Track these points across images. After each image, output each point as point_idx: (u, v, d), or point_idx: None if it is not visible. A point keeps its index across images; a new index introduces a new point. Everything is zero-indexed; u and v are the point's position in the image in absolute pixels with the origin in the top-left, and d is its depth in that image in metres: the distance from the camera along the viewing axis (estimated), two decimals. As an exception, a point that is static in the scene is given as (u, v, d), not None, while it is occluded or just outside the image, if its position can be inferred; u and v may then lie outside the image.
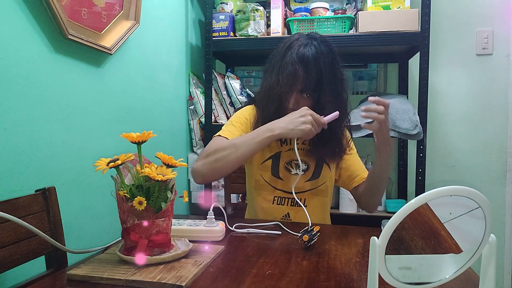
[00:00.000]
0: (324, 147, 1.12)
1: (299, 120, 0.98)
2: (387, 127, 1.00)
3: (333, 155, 1.15)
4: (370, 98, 0.96)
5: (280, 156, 1.16)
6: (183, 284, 0.64)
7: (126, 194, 0.73)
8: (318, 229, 0.91)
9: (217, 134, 1.13)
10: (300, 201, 1.15)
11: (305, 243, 0.86)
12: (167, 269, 0.70)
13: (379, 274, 0.50)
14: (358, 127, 1.60)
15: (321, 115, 1.01)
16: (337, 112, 1.03)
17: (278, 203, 1.16)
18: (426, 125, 1.61)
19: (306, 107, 1.02)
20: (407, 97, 1.91)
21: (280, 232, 0.98)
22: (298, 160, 1.07)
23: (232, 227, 1.00)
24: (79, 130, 1.14)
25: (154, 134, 0.78)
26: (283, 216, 1.15)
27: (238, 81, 1.88)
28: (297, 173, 1.15)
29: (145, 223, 0.73)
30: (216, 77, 1.87)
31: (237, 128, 1.14)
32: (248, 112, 1.19)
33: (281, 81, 1.06)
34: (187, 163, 1.90)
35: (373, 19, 1.64)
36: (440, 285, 0.52)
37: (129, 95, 1.39)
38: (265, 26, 1.81)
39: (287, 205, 1.16)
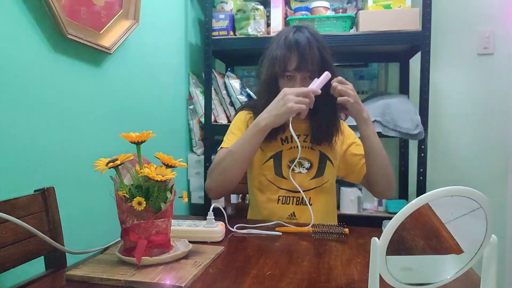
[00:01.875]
0: (321, 127, 1.13)
1: (279, 103, 1.00)
2: (356, 98, 1.05)
3: (330, 135, 1.15)
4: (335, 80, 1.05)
5: (282, 155, 1.16)
6: (183, 284, 0.64)
7: (125, 195, 0.72)
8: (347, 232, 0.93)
9: (220, 147, 1.17)
10: (305, 203, 1.14)
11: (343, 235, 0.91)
12: (167, 270, 0.70)
13: (380, 275, 0.49)
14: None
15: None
16: (326, 73, 1.05)
17: (283, 202, 1.15)
18: (427, 125, 1.61)
19: (285, 88, 1.03)
20: (408, 96, 1.90)
21: (280, 233, 0.97)
22: (298, 155, 1.08)
23: (233, 228, 0.99)
24: (78, 130, 1.14)
25: (153, 134, 0.77)
26: (289, 216, 1.15)
27: (238, 80, 1.88)
28: (300, 171, 1.15)
29: (145, 224, 0.73)
30: (215, 76, 1.86)
31: (235, 135, 1.16)
32: (243, 115, 1.23)
33: (276, 65, 1.08)
34: (187, 163, 1.90)
35: (374, 19, 1.64)
36: (441, 285, 0.52)
37: (128, 94, 1.38)
38: (265, 25, 1.81)
39: (292, 204, 1.15)
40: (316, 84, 1.04)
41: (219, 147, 1.17)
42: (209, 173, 1.12)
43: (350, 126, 1.29)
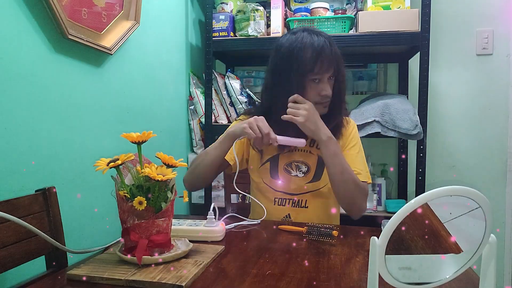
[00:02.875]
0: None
1: (250, 120, 1.03)
2: (308, 118, 1.03)
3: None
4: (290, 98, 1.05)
5: (279, 159, 1.16)
6: (183, 284, 0.64)
7: (126, 194, 0.73)
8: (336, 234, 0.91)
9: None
10: (301, 202, 1.15)
11: (330, 237, 0.90)
12: (167, 269, 0.70)
13: (379, 274, 0.50)
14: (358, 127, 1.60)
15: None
16: (302, 141, 1.05)
17: (279, 204, 1.16)
18: (426, 125, 1.61)
19: (258, 118, 1.04)
20: (407, 97, 1.91)
21: (259, 221, 1.06)
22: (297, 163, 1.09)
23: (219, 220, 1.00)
24: (79, 130, 1.14)
25: (154, 134, 0.78)
26: (284, 217, 1.15)
27: (238, 81, 1.88)
28: (297, 175, 1.15)
29: (145, 223, 0.73)
30: (216, 77, 1.87)
31: None
32: (238, 122, 1.21)
33: (306, 69, 1.06)
34: (187, 163, 1.90)
35: (373, 19, 1.64)
36: (440, 285, 0.52)
37: (129, 95, 1.39)
38: (265, 26, 1.81)
39: (288, 205, 1.16)
40: (281, 138, 1.03)
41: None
42: (188, 167, 1.20)
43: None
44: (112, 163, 0.72)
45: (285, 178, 1.16)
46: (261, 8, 1.79)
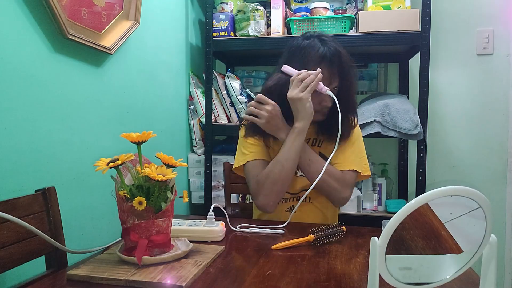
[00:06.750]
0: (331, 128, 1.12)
1: (308, 108, 1.04)
2: (269, 119, 1.06)
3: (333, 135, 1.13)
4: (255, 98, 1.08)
5: None
6: (183, 284, 0.64)
7: (126, 194, 0.73)
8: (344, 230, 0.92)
9: (235, 166, 1.17)
10: (305, 200, 1.15)
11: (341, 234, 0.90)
12: (167, 269, 0.70)
13: (379, 275, 0.50)
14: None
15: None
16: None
17: (283, 202, 1.17)
18: (427, 125, 1.61)
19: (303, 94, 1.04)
20: (408, 97, 1.91)
21: (283, 231, 0.98)
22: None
23: (236, 228, 1.00)
24: (79, 130, 1.14)
25: (154, 134, 0.78)
26: (288, 209, 1.16)
27: (238, 81, 1.88)
28: (302, 175, 1.15)
29: (145, 223, 0.73)
30: (216, 77, 1.86)
31: (255, 145, 1.15)
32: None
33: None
34: (187, 163, 1.90)
35: (373, 19, 1.64)
36: (440, 285, 0.52)
37: (129, 95, 1.39)
38: (265, 26, 1.81)
39: (292, 201, 1.18)
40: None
41: (238, 165, 1.15)
42: (257, 191, 1.09)
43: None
44: (112, 163, 0.72)
45: None
46: (261, 8, 1.79)
